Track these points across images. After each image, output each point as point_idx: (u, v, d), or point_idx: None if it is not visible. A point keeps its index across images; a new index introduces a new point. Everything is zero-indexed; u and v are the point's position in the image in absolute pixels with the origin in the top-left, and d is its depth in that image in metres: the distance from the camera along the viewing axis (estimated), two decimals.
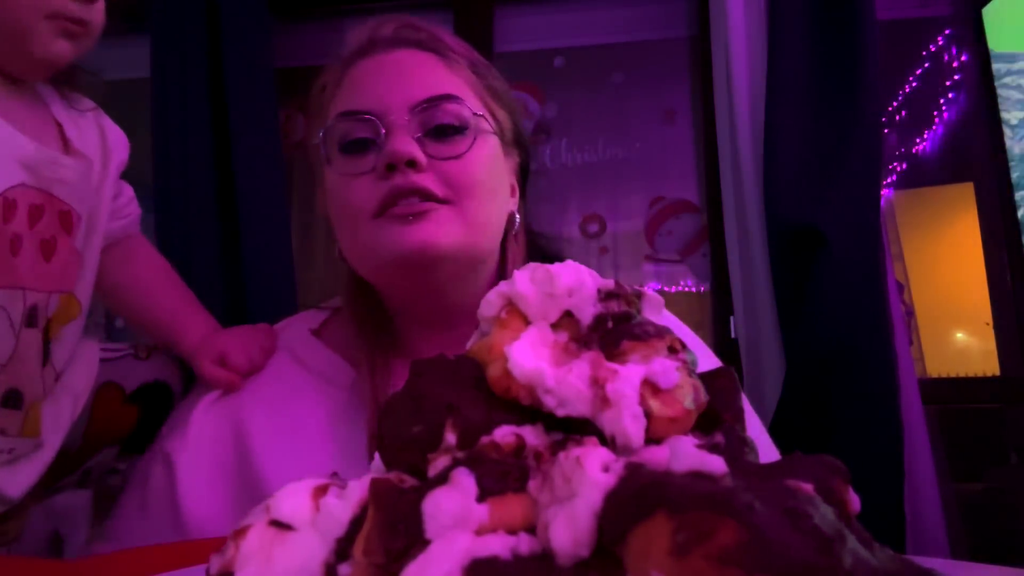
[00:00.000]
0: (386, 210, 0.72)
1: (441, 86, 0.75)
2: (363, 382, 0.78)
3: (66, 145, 0.77)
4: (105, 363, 0.87)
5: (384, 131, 0.73)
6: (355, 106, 0.76)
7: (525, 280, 0.35)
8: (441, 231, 0.71)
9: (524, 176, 0.87)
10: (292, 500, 0.32)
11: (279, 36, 1.93)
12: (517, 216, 0.82)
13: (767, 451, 0.80)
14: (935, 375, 1.90)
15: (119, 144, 0.84)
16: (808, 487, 0.26)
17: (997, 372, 1.75)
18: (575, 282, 0.35)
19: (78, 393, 0.82)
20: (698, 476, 0.26)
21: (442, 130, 0.74)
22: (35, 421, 0.74)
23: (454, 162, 0.73)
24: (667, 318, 0.84)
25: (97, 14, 0.72)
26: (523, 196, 0.87)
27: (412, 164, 0.71)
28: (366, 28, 0.81)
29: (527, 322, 0.35)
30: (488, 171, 0.75)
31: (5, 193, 0.68)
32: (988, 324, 1.80)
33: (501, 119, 0.80)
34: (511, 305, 0.35)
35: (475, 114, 0.75)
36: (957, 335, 2.02)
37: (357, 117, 0.75)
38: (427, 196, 0.72)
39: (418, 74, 0.76)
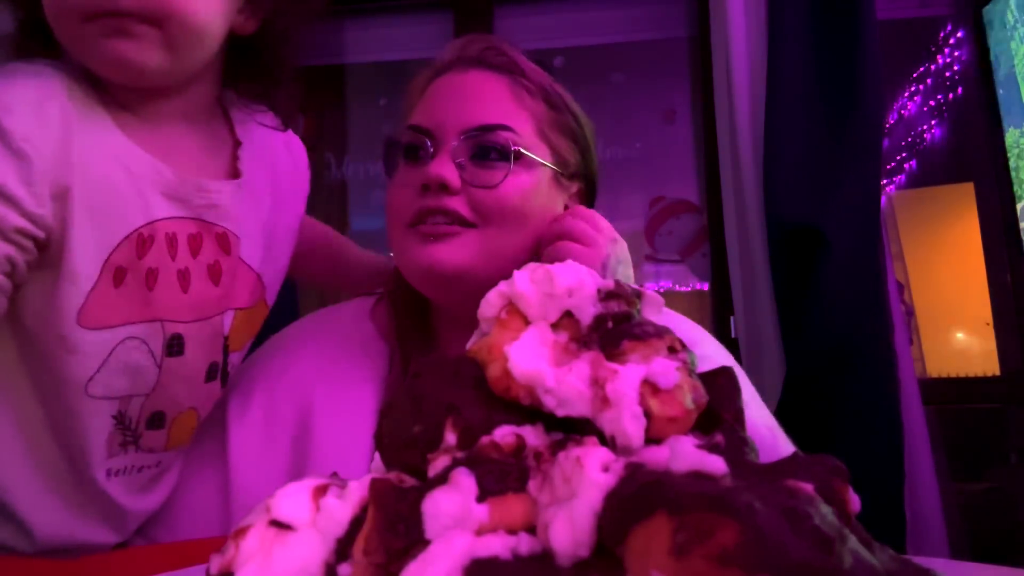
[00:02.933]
0: (416, 224, 0.77)
1: (498, 114, 0.78)
2: (394, 376, 0.83)
3: (233, 165, 0.77)
4: None
5: (432, 150, 0.78)
6: (419, 121, 0.81)
7: (525, 280, 0.35)
8: (457, 254, 0.76)
9: (589, 203, 0.90)
10: (292, 500, 0.32)
11: None
12: None
13: (778, 442, 0.79)
14: (935, 375, 1.90)
15: (297, 162, 0.88)
16: (808, 487, 0.26)
17: (997, 372, 1.75)
18: (575, 282, 0.35)
19: None
20: (698, 476, 0.26)
21: (485, 155, 0.77)
22: (182, 432, 0.76)
23: (487, 190, 0.76)
24: (672, 316, 0.85)
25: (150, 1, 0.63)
26: None
27: (444, 187, 0.76)
28: (457, 44, 0.86)
29: (527, 322, 0.35)
30: (522, 201, 0.78)
31: (155, 225, 0.68)
32: (988, 324, 1.80)
33: (564, 151, 0.83)
34: (511, 305, 0.35)
35: (522, 148, 0.78)
36: (957, 335, 2.02)
37: (416, 131, 0.80)
38: (454, 219, 0.76)
39: (481, 99, 0.79)
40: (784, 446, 0.78)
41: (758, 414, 0.80)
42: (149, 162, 0.68)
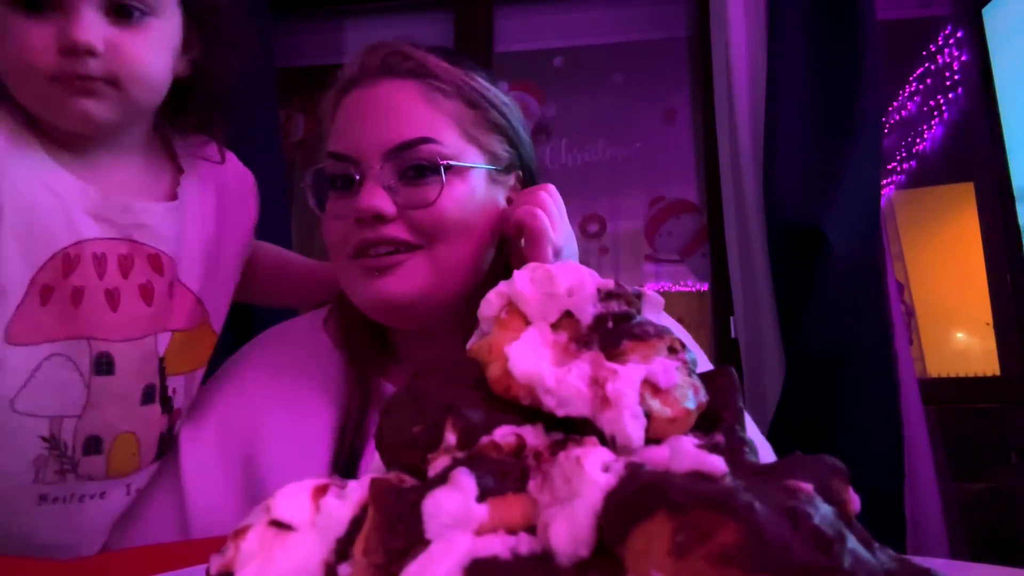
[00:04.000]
0: (359, 256, 0.76)
1: (416, 126, 0.75)
2: (349, 388, 0.81)
3: (172, 190, 0.80)
4: None
5: (358, 176, 0.75)
6: (338, 148, 0.78)
7: (525, 280, 0.35)
8: (407, 283, 0.74)
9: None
10: (292, 500, 0.32)
11: (279, 36, 1.93)
12: None
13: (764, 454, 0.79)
14: (935, 375, 1.90)
15: (245, 191, 0.91)
16: (808, 487, 0.26)
17: (997, 372, 1.75)
18: (575, 282, 0.34)
19: None
20: (698, 476, 0.26)
21: (414, 173, 0.75)
22: (122, 458, 0.75)
23: (424, 209, 0.74)
24: (664, 320, 0.85)
25: (114, 61, 0.68)
26: None
27: (379, 218, 0.74)
28: (359, 55, 0.81)
29: (527, 322, 0.35)
30: (463, 211, 0.76)
31: (82, 245, 0.71)
32: (988, 324, 1.80)
33: (493, 147, 0.80)
34: (511, 305, 0.35)
35: (450, 160, 0.75)
36: (957, 335, 2.02)
37: (337, 158, 0.78)
38: (397, 246, 0.74)
39: (395, 113, 0.76)
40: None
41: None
42: (76, 185, 0.71)
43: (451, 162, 0.75)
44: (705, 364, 0.85)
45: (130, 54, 0.69)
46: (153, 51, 0.72)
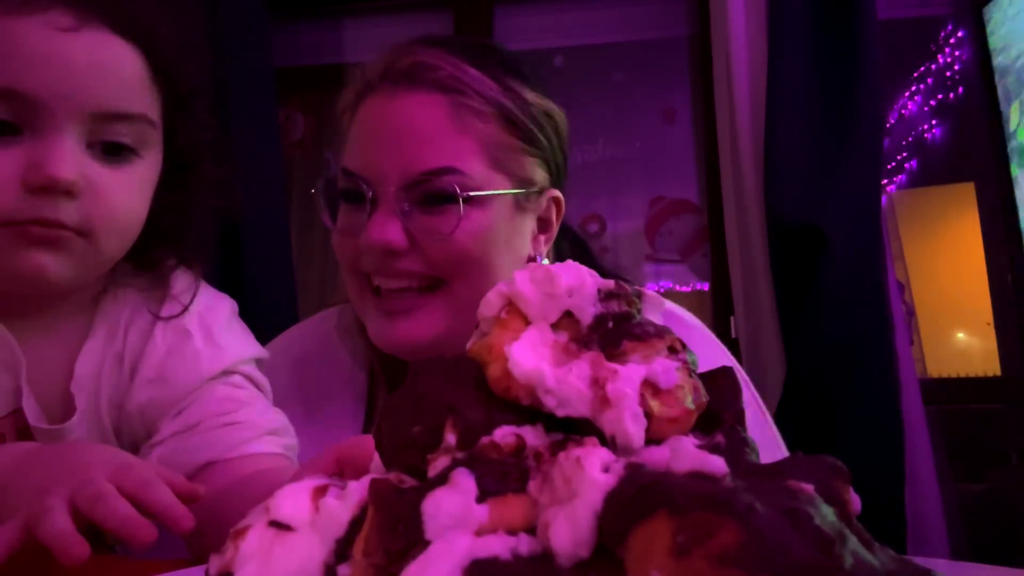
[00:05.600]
0: (375, 294, 0.71)
1: (440, 154, 0.69)
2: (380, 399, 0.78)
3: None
4: None
5: (371, 194, 0.69)
6: (352, 166, 0.72)
7: (525, 280, 0.35)
8: (424, 328, 0.70)
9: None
10: (292, 501, 0.32)
11: (279, 36, 1.93)
12: (539, 260, 0.77)
13: (774, 446, 0.79)
14: (936, 375, 1.90)
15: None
16: (809, 487, 0.26)
17: (998, 372, 1.75)
18: (575, 282, 0.34)
19: None
20: (698, 476, 0.26)
21: (432, 200, 0.69)
22: None
23: (439, 242, 0.69)
24: (674, 314, 0.82)
25: (92, 207, 0.54)
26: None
27: (390, 252, 0.69)
28: (385, 54, 0.74)
29: (527, 322, 0.34)
30: (481, 244, 0.70)
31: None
32: (989, 324, 1.80)
33: (525, 171, 0.73)
34: (511, 305, 0.35)
35: (471, 191, 0.68)
36: (958, 335, 2.02)
37: (352, 176, 0.72)
38: (412, 280, 0.69)
39: (417, 137, 0.69)
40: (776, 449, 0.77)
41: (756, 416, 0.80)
42: None
43: (471, 193, 0.69)
44: (725, 359, 0.81)
45: (112, 200, 0.56)
46: (135, 196, 0.59)
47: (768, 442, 0.77)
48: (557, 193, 0.78)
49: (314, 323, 0.88)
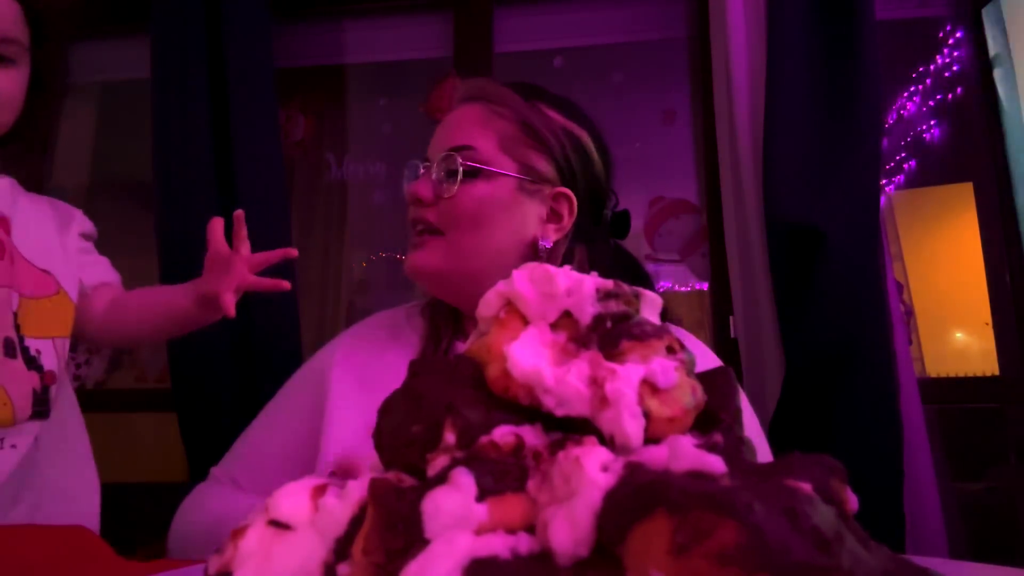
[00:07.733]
0: (410, 232, 0.95)
1: (462, 136, 0.92)
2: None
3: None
4: None
5: (423, 171, 0.95)
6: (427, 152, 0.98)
7: (524, 280, 0.35)
8: (428, 259, 0.91)
9: (596, 207, 0.98)
10: (291, 500, 0.32)
11: (279, 36, 1.93)
12: (543, 243, 0.93)
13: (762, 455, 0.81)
14: (935, 375, 1.90)
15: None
16: (807, 487, 0.26)
17: (996, 372, 1.75)
18: (574, 282, 0.35)
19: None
20: (697, 476, 0.26)
21: (450, 173, 0.91)
22: None
23: (447, 200, 0.90)
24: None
25: None
26: (597, 222, 0.99)
27: (419, 201, 0.92)
28: (464, 84, 1.00)
29: (526, 322, 0.35)
30: (477, 208, 0.90)
31: None
32: (987, 324, 1.80)
33: (532, 162, 0.93)
34: (510, 305, 0.35)
35: (476, 163, 0.90)
36: (956, 335, 2.02)
37: (423, 158, 0.98)
38: (426, 227, 0.92)
39: (457, 127, 0.94)
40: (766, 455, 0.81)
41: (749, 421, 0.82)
42: None
43: (474, 165, 0.90)
44: (710, 359, 0.94)
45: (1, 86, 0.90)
46: (15, 88, 0.91)
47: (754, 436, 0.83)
48: (568, 191, 0.94)
49: (391, 311, 1.07)
